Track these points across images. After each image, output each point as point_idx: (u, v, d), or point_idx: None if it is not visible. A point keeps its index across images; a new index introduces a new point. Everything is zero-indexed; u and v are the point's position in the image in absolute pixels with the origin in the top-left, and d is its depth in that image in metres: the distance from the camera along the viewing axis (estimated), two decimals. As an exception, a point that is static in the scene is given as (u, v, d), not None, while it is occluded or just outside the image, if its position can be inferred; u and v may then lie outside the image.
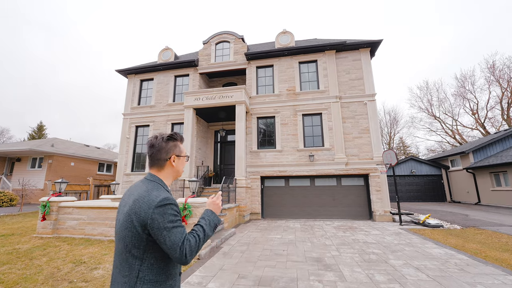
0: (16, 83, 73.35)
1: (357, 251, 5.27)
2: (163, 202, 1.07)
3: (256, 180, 10.76)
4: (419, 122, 32.69)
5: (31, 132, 38.51)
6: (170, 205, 1.09)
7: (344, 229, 7.77)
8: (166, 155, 1.25)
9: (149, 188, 1.15)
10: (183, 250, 1.04)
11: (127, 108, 13.35)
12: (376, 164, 9.76)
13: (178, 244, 1.03)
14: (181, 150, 1.33)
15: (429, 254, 4.92)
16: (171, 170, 1.28)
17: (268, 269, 4.17)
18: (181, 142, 1.35)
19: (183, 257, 1.03)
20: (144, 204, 1.06)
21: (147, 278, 1.04)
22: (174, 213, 1.09)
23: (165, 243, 1.03)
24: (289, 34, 12.39)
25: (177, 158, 1.30)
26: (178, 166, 1.30)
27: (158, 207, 1.05)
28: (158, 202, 1.06)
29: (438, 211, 11.63)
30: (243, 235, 6.95)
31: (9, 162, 16.52)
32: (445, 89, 33.21)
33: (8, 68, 74.90)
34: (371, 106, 10.48)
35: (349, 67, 11.19)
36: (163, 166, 1.26)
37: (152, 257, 1.07)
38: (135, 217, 1.05)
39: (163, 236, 1.03)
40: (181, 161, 1.33)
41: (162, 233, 1.03)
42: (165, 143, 1.26)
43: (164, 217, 1.04)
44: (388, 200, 9.55)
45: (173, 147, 1.28)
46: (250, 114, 11.53)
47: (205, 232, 1.17)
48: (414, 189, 17.71)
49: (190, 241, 1.08)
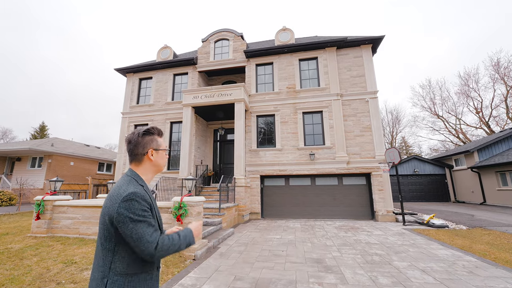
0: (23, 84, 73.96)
1: (359, 252, 5.07)
2: (129, 196, 1.07)
3: (256, 180, 10.58)
4: (422, 121, 32.45)
5: (33, 133, 38.59)
6: (136, 199, 1.08)
7: (346, 229, 7.57)
8: (143, 150, 1.26)
9: (122, 183, 1.16)
10: (153, 243, 1.05)
11: (126, 107, 13.23)
12: (378, 163, 9.54)
13: (146, 238, 1.04)
14: (159, 143, 1.32)
15: (435, 256, 4.71)
16: (150, 165, 1.29)
17: (266, 271, 3.99)
18: (159, 136, 1.35)
19: (151, 250, 1.04)
20: (113, 199, 1.09)
21: (119, 269, 1.06)
22: (142, 207, 1.09)
23: (131, 236, 1.03)
24: (289, 31, 12.20)
25: (155, 152, 1.29)
26: (157, 160, 1.30)
27: (124, 201, 1.06)
28: (125, 197, 1.07)
29: (443, 211, 11.38)
30: (242, 235, 6.77)
31: (10, 161, 16.48)
32: (448, 88, 32.82)
33: (16, 68, 75.54)
34: (373, 104, 10.26)
35: (350, 64, 10.98)
36: (141, 161, 1.27)
37: (124, 250, 1.08)
38: (106, 211, 1.09)
39: (129, 230, 1.03)
40: (160, 155, 1.32)
41: (128, 227, 1.03)
42: (141, 138, 1.27)
43: (129, 211, 1.05)
44: (391, 199, 9.33)
45: (149, 141, 1.28)
46: (250, 112, 11.36)
47: (180, 239, 1.17)
48: (417, 189, 17.43)
49: (164, 239, 1.11)
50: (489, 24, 49.09)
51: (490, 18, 47.91)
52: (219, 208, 7.42)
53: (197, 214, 5.03)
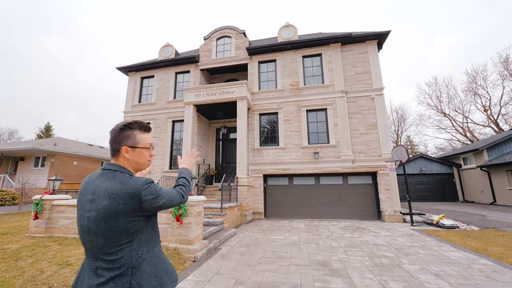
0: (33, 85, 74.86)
1: (366, 254, 4.84)
2: (145, 185, 1.12)
3: (259, 179, 10.38)
4: (428, 119, 31.69)
5: (39, 133, 38.96)
6: (151, 184, 1.16)
7: (352, 229, 7.32)
8: (118, 146, 1.18)
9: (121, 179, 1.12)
10: (180, 195, 1.24)
11: (128, 106, 13.14)
12: (385, 162, 9.26)
13: (172, 196, 1.20)
14: (137, 140, 1.21)
15: (448, 258, 4.45)
16: (126, 162, 1.20)
17: (268, 274, 3.78)
18: (142, 131, 1.25)
19: (182, 199, 1.25)
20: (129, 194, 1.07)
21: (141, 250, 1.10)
22: (155, 186, 1.17)
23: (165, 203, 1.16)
24: (292, 27, 11.96)
25: (131, 149, 1.19)
26: (134, 159, 1.21)
27: (145, 189, 1.10)
28: (142, 186, 1.10)
29: (452, 211, 11.04)
30: (244, 236, 6.57)
31: (13, 161, 16.54)
32: (455, 85, 32.14)
33: (25, 69, 76.50)
34: (379, 101, 9.97)
35: (355, 60, 10.70)
36: (118, 157, 1.20)
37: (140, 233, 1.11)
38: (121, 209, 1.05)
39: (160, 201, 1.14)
40: (138, 153, 1.22)
41: (158, 201, 1.13)
42: (118, 132, 1.19)
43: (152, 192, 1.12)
44: (398, 199, 9.04)
45: (125, 137, 1.19)
46: (252, 110, 11.16)
47: (188, 181, 1.39)
48: (424, 188, 17.05)
49: (182, 188, 1.29)
50: (497, 23, 48.08)
51: (500, 17, 46.88)
52: (221, 208, 7.23)
53: (197, 214, 4.85)
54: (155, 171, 11.63)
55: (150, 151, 1.27)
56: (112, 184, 1.08)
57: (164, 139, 12.05)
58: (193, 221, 4.70)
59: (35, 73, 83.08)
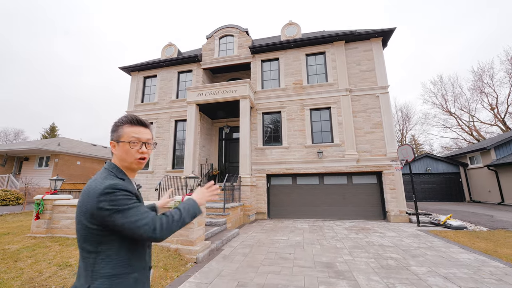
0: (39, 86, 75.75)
1: (372, 255, 4.71)
2: (108, 189, 0.96)
3: (262, 178, 10.27)
4: (433, 118, 31.15)
5: (44, 133, 39.32)
6: (118, 191, 0.97)
7: (357, 230, 7.18)
8: (110, 140, 1.15)
9: (97, 176, 1.05)
10: (153, 225, 0.97)
11: (131, 106, 13.13)
12: (390, 161, 9.09)
13: (141, 222, 0.96)
14: (120, 134, 1.12)
15: (457, 260, 4.30)
16: (116, 158, 1.13)
17: (272, 276, 3.68)
18: (130, 125, 1.15)
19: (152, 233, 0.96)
20: (90, 194, 0.97)
21: (104, 271, 0.95)
22: (126, 197, 0.99)
23: (123, 225, 0.94)
24: (295, 25, 11.83)
25: (117, 144, 1.12)
26: (120, 153, 1.12)
27: (104, 194, 0.95)
28: (103, 190, 0.96)
29: (459, 211, 10.81)
30: (247, 236, 6.48)
31: (18, 161, 16.67)
32: (461, 84, 31.57)
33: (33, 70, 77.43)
34: (384, 99, 9.80)
35: (359, 58, 10.53)
36: (112, 152, 1.15)
37: (108, 249, 0.97)
38: (83, 209, 0.97)
39: (119, 219, 0.94)
40: (122, 148, 1.12)
41: (116, 218, 0.94)
42: (112, 128, 1.16)
43: (113, 202, 0.95)
44: (403, 199, 8.87)
45: (113, 132, 1.14)
46: (255, 109, 11.05)
47: (181, 215, 1.08)
48: (430, 188, 16.77)
49: (162, 219, 1.01)
50: (499, 23, 47.26)
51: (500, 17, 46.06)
52: (223, 208, 7.14)
53: (199, 214, 4.76)
54: (158, 171, 11.60)
55: (137, 147, 1.11)
56: (90, 181, 1.03)
57: (167, 139, 12.01)
58: (195, 221, 4.61)
59: (39, 74, 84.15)
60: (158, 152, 11.92)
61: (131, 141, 1.11)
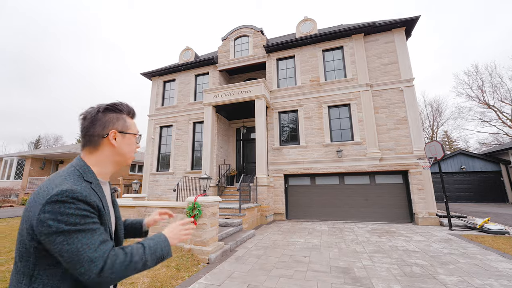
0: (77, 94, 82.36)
1: (395, 261, 4.36)
2: (59, 197, 0.72)
3: (280, 179, 10.11)
4: (468, 112, 28.50)
5: (78, 138, 42.53)
6: (71, 202, 0.73)
7: (380, 233, 6.76)
8: (102, 130, 0.92)
9: (55, 176, 0.80)
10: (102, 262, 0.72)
11: (152, 109, 13.66)
12: (417, 159, 8.45)
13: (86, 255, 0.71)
14: (127, 125, 0.98)
15: (495, 270, 3.83)
16: (111, 152, 0.94)
17: (283, 280, 3.54)
18: (129, 116, 1.01)
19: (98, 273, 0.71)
20: (37, 198, 0.74)
21: None
22: (78, 212, 0.73)
23: (61, 253, 0.70)
24: (311, 21, 11.50)
25: (121, 135, 0.95)
26: (121, 147, 0.95)
27: (50, 203, 0.71)
28: (52, 197, 0.71)
29: (499, 214, 9.77)
30: (263, 238, 6.37)
31: (54, 164, 18.13)
32: (500, 73, 28.47)
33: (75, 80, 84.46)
34: (409, 93, 9.15)
35: (380, 51, 9.95)
36: (98, 146, 0.92)
37: (46, 276, 0.73)
38: (26, 218, 0.75)
39: (57, 244, 0.69)
40: (126, 141, 0.97)
41: (55, 240, 0.69)
42: (102, 114, 0.93)
43: (57, 216, 0.70)
44: (433, 200, 8.20)
45: (114, 119, 0.95)
46: (271, 109, 10.92)
47: (144, 255, 0.83)
48: (465, 188, 15.40)
49: (118, 256, 0.77)
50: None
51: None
52: (239, 209, 7.11)
53: (211, 214, 4.76)
54: (178, 172, 11.92)
55: (137, 140, 1.03)
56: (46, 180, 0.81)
57: (185, 141, 12.31)
58: (208, 222, 4.61)
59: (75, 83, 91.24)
60: (178, 154, 12.25)
61: (136, 134, 1.01)
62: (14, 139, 55.75)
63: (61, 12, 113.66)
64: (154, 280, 3.30)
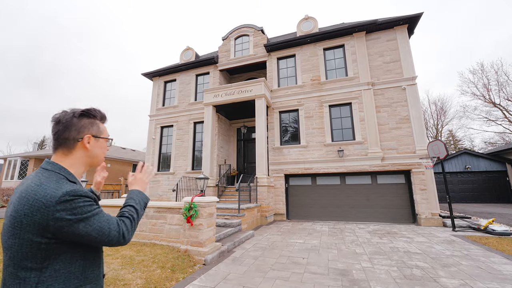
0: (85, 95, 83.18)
1: (395, 263, 4.26)
2: (67, 196, 0.84)
3: (280, 179, 10.03)
4: (473, 111, 28.02)
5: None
6: (79, 198, 0.86)
7: (381, 234, 6.64)
8: (76, 134, 0.98)
9: (42, 180, 0.87)
10: (120, 230, 0.92)
11: (153, 110, 13.67)
12: (419, 158, 8.30)
13: (108, 228, 0.89)
14: (101, 130, 1.07)
15: (498, 273, 3.72)
16: (84, 155, 1.01)
17: (279, 282, 3.47)
18: (102, 122, 1.10)
19: (120, 238, 0.92)
20: (38, 203, 0.81)
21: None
22: (87, 204, 0.88)
23: (89, 234, 0.86)
24: (312, 20, 11.39)
25: (94, 139, 1.02)
26: (94, 150, 1.03)
27: (62, 202, 0.82)
28: (60, 197, 0.82)
29: (505, 215, 9.57)
30: (262, 238, 6.31)
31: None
32: (507, 71, 27.92)
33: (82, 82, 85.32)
34: (411, 91, 9.00)
35: (382, 49, 9.81)
36: (72, 149, 0.98)
37: (56, 262, 0.84)
38: (28, 221, 0.81)
39: (83, 228, 0.84)
40: (99, 145, 1.05)
41: (79, 227, 0.84)
42: (77, 119, 0.99)
43: (74, 211, 0.83)
44: (436, 200, 8.06)
45: (88, 125, 1.02)
46: (272, 108, 10.84)
47: (137, 212, 1.05)
48: (469, 188, 15.14)
49: (125, 222, 0.97)
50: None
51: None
52: (238, 209, 7.05)
53: (208, 215, 4.71)
54: (178, 172, 11.91)
55: (109, 144, 1.12)
56: (29, 183, 0.86)
57: (186, 141, 12.29)
58: (204, 222, 4.56)
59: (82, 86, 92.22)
60: (179, 154, 12.24)
61: (108, 138, 1.09)
62: (19, 139, 56.53)
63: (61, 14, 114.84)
64: (147, 282, 3.25)
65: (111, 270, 3.46)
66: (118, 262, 3.80)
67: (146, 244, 4.87)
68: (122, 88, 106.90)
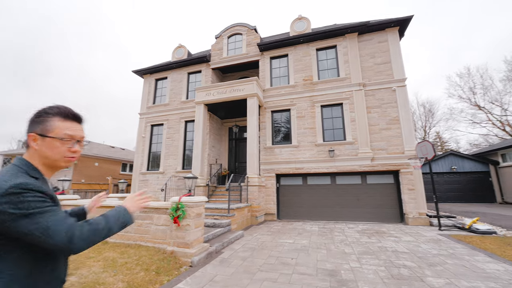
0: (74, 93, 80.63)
1: (383, 262, 4.28)
2: (14, 189, 0.79)
3: (271, 178, 9.99)
4: (460, 113, 28.96)
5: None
6: (28, 192, 0.81)
7: (370, 233, 6.70)
8: (26, 132, 0.97)
9: (3, 173, 0.85)
10: (70, 233, 0.82)
11: (143, 108, 13.39)
12: (408, 159, 8.43)
13: (55, 229, 0.80)
14: (49, 128, 0.95)
15: (482, 271, 3.78)
16: (34, 154, 0.96)
17: (267, 284, 3.42)
18: (63, 119, 0.98)
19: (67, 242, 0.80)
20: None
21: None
22: (38, 199, 0.82)
23: (31, 233, 0.78)
24: (305, 20, 11.41)
25: (41, 138, 0.94)
26: (44, 149, 0.95)
27: (8, 195, 0.78)
28: (7, 189, 0.78)
29: (488, 214, 9.84)
30: (251, 239, 6.25)
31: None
32: (491, 75, 28.81)
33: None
34: (401, 93, 9.14)
35: (374, 50, 9.92)
36: (27, 147, 0.97)
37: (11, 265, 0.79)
38: None
39: (25, 225, 0.77)
40: (49, 144, 0.95)
41: (21, 223, 0.77)
42: (34, 117, 0.97)
43: (19, 205, 0.78)
44: (423, 200, 8.20)
45: (35, 123, 0.96)
46: (264, 108, 10.79)
47: (108, 223, 0.94)
48: (455, 188, 15.55)
49: (83, 226, 0.87)
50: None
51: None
52: (228, 209, 6.96)
53: (196, 215, 4.61)
54: (168, 171, 11.70)
55: (69, 145, 0.98)
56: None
57: (177, 139, 12.10)
58: (192, 223, 4.46)
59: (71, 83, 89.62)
60: (169, 153, 12.03)
61: (63, 138, 0.97)
62: (3, 138, 54.54)
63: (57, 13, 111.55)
64: (129, 285, 3.13)
65: (92, 273, 3.32)
66: (99, 265, 3.65)
67: (131, 246, 4.73)
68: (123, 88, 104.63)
